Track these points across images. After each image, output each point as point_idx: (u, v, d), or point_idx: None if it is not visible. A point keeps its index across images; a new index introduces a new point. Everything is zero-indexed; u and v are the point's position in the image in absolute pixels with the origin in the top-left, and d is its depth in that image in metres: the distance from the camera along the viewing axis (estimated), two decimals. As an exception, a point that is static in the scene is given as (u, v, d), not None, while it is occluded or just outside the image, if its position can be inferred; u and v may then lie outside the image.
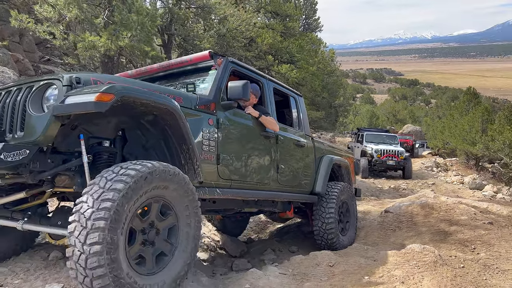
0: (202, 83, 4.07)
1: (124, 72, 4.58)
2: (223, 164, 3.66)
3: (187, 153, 3.12)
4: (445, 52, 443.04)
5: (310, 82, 12.21)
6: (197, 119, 3.43)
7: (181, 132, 3.02)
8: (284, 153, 4.72)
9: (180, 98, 3.32)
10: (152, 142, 3.20)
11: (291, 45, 12.53)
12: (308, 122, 5.61)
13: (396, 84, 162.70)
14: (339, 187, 5.53)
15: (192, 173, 3.19)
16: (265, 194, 4.42)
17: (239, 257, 5.78)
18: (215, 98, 3.72)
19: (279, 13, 13.54)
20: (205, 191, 3.44)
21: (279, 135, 4.59)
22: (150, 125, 3.08)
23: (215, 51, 4.18)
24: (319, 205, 5.35)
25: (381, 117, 48.48)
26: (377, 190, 14.15)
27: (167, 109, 2.88)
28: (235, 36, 9.52)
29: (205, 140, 3.46)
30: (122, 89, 2.56)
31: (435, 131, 35.06)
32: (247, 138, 4.07)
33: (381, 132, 19.96)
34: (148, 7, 7.12)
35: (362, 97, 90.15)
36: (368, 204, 8.97)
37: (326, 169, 5.51)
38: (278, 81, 5.23)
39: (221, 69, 3.97)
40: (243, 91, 3.69)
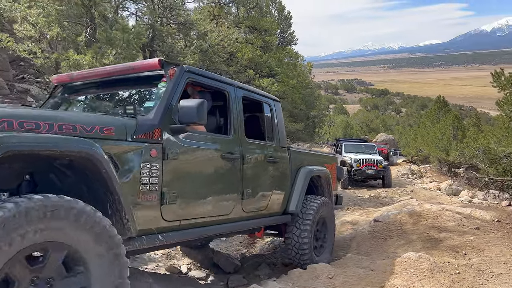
0: (148, 100, 3.40)
1: (67, 73, 3.98)
2: (169, 202, 2.99)
3: (113, 203, 2.54)
4: (412, 62, 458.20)
5: (291, 95, 12.40)
6: (134, 153, 2.76)
7: (103, 180, 2.44)
8: (252, 175, 4.06)
9: (111, 128, 2.65)
10: (71, 187, 2.58)
11: (271, 59, 12.72)
12: (284, 131, 4.94)
13: (367, 94, 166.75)
14: (317, 204, 4.97)
15: (120, 227, 2.58)
16: (225, 228, 3.79)
17: (234, 273, 5.74)
18: (161, 121, 3.00)
19: (257, 27, 13.75)
20: (142, 241, 2.80)
21: (245, 154, 3.92)
22: (66, 168, 2.51)
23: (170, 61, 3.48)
24: (293, 225, 4.82)
25: (355, 127, 49.43)
26: (359, 199, 14.36)
27: (82, 156, 2.32)
28: (217, 51, 9.60)
29: (145, 178, 2.81)
30: (6, 143, 1.97)
31: (408, 139, 36.08)
32: (204, 165, 3.43)
33: (360, 142, 20.38)
34: (133, 25, 7.11)
35: (335, 108, 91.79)
36: (354, 214, 9.09)
37: (303, 183, 4.90)
38: (248, 86, 4.59)
39: (172, 82, 3.20)
40: (198, 113, 3.01)
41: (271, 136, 4.65)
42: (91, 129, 2.53)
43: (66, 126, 2.41)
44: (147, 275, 3.99)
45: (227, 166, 3.68)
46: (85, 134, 2.45)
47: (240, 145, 3.89)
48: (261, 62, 12.50)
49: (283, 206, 4.72)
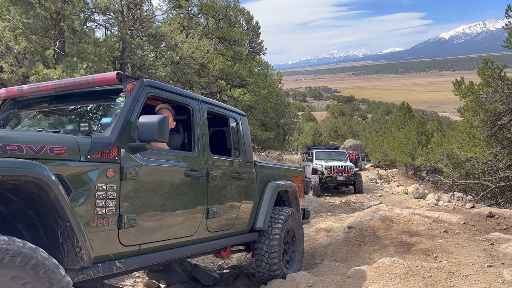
0: (104, 116, 3.14)
1: (15, 86, 3.72)
2: (127, 226, 2.77)
3: (64, 230, 2.31)
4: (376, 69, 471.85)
5: (262, 104, 12.55)
6: (89, 174, 2.56)
7: (53, 205, 2.22)
8: (218, 193, 3.88)
9: (62, 148, 2.44)
10: (16, 213, 2.37)
11: (241, 69, 12.84)
12: (250, 146, 4.82)
13: (334, 101, 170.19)
14: (284, 217, 4.83)
15: (72, 256, 2.37)
16: (189, 251, 3.58)
17: (212, 286, 5.74)
18: (119, 139, 2.78)
19: (227, 38, 13.87)
20: (98, 269, 2.55)
21: (210, 171, 3.74)
22: (10, 193, 2.26)
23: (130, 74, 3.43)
24: (260, 242, 4.65)
25: (323, 133, 50.33)
26: (331, 206, 14.65)
27: (28, 179, 2.11)
28: (188, 63, 9.62)
29: (100, 201, 2.59)
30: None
31: (374, 144, 37.15)
32: (166, 184, 3.21)
33: (330, 149, 20.79)
34: (104, 38, 7.03)
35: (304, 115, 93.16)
36: (328, 220, 9.28)
37: (270, 199, 4.74)
38: (213, 100, 4.40)
39: (131, 97, 3.01)
40: (158, 130, 2.80)
41: (237, 151, 4.54)
42: (40, 149, 2.31)
43: (11, 147, 2.18)
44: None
45: (191, 184, 3.48)
46: (32, 155, 2.25)
47: (205, 162, 3.72)
48: (232, 73, 12.60)
49: (249, 223, 4.53)
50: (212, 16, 13.99)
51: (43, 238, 2.38)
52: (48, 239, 2.37)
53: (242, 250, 5.33)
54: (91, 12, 8.44)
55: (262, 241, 4.64)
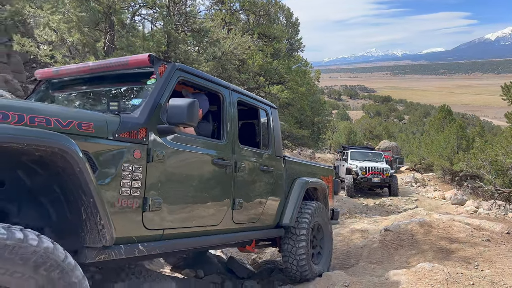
0: (135, 97, 3.17)
1: (52, 68, 3.75)
2: (152, 209, 2.74)
3: (87, 206, 2.28)
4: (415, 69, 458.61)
5: (300, 102, 12.54)
6: (115, 153, 2.53)
7: (77, 180, 2.19)
8: (245, 184, 3.81)
9: (90, 124, 2.43)
10: (42, 187, 2.34)
11: (280, 66, 12.87)
12: (280, 139, 4.75)
13: (370, 100, 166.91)
14: (310, 211, 4.74)
15: (95, 234, 2.34)
16: (213, 240, 3.54)
17: (247, 279, 5.85)
18: (148, 120, 2.78)
19: (267, 35, 13.92)
20: (119, 250, 2.52)
21: (238, 161, 3.68)
22: (36, 165, 2.23)
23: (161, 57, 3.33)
24: (287, 238, 4.57)
25: (358, 133, 49.52)
26: (364, 207, 14.47)
27: (53, 151, 2.07)
28: (230, 58, 9.74)
29: (126, 181, 2.57)
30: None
31: (411, 146, 36.18)
32: (192, 170, 3.17)
33: (366, 150, 20.46)
34: (152, 32, 7.26)
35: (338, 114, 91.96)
36: (362, 222, 9.20)
37: (297, 195, 4.65)
38: (244, 90, 4.35)
39: (162, 80, 3.00)
40: (188, 113, 2.79)
41: (266, 144, 4.46)
42: (68, 124, 2.30)
43: (39, 119, 2.18)
44: (170, 280, 4.10)
45: (218, 173, 3.44)
46: (60, 128, 2.23)
47: (233, 151, 3.66)
48: (271, 69, 12.66)
49: (276, 219, 4.46)
50: (253, 13, 14.07)
51: (67, 214, 2.37)
52: (72, 215, 2.35)
53: (268, 246, 5.25)
54: (138, 7, 8.70)
55: (289, 237, 4.56)
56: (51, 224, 2.40)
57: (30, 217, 2.37)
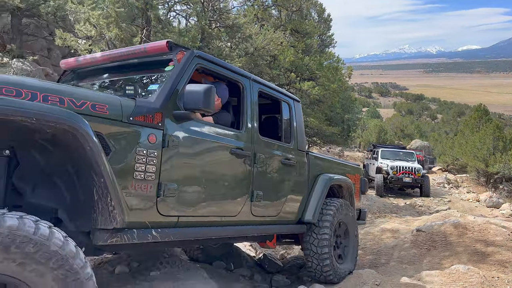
0: (153, 83, 3.16)
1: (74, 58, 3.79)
2: (167, 195, 2.72)
3: (99, 187, 2.27)
4: (449, 67, 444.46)
5: (331, 99, 12.43)
6: (129, 136, 2.53)
7: (88, 159, 2.17)
8: (264, 176, 3.72)
9: (104, 106, 2.43)
10: (55, 167, 2.36)
11: (312, 62, 12.79)
12: (303, 133, 4.62)
13: (402, 98, 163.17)
14: (334, 208, 4.61)
15: (106, 215, 2.34)
16: (230, 231, 3.48)
17: (276, 273, 5.89)
18: (163, 105, 2.76)
19: (299, 30, 13.85)
20: (132, 234, 2.51)
21: (257, 152, 3.60)
22: (49, 144, 2.26)
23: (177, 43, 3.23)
24: (309, 235, 4.44)
25: (389, 131, 48.58)
26: (394, 207, 14.22)
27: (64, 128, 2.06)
28: (262, 54, 9.77)
29: (140, 165, 2.55)
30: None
31: (444, 147, 35.21)
32: (209, 158, 3.12)
33: (398, 149, 20.05)
34: (186, 27, 7.38)
35: (368, 111, 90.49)
36: (393, 221, 9.07)
37: (321, 192, 4.51)
38: (266, 81, 4.23)
39: (180, 66, 2.97)
40: (204, 99, 2.77)
41: (288, 137, 4.34)
42: (81, 104, 2.31)
43: (52, 97, 2.20)
44: (202, 270, 4.19)
45: (236, 163, 3.37)
46: (74, 108, 2.24)
47: (252, 142, 3.59)
48: (302, 65, 12.59)
49: (298, 214, 4.34)
50: (285, 8, 14.02)
51: (80, 194, 2.38)
52: (84, 196, 2.36)
53: (290, 243, 5.15)
54: (174, 2, 8.85)
55: (311, 235, 4.44)
56: (64, 205, 2.43)
57: (44, 197, 2.40)
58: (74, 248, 1.94)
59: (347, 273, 4.73)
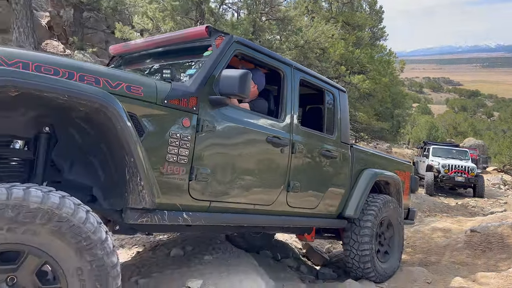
0: (190, 68, 3.15)
1: (122, 43, 3.88)
2: (199, 179, 2.73)
3: (130, 167, 2.30)
4: (509, 61, 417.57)
5: (381, 93, 12.14)
6: (163, 117, 2.55)
7: (119, 138, 2.21)
8: (302, 167, 3.62)
9: (139, 88, 2.46)
10: (91, 145, 2.43)
11: (362, 55, 12.53)
12: (348, 126, 4.44)
13: (455, 94, 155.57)
14: (378, 204, 4.44)
15: (136, 194, 2.37)
16: (263, 220, 3.44)
17: (323, 266, 5.90)
18: (199, 90, 2.75)
19: (350, 23, 13.59)
20: (163, 215, 2.56)
21: (296, 142, 3.51)
22: (84, 123, 2.31)
23: (217, 28, 3.23)
24: (350, 231, 4.33)
25: (440, 129, 46.63)
26: (445, 207, 13.69)
27: (95, 107, 2.11)
28: (312, 47, 9.71)
29: (173, 148, 2.57)
30: (1, 75, 1.85)
31: (500, 146, 33.31)
32: (244, 145, 3.07)
33: (450, 146, 19.23)
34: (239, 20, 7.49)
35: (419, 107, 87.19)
36: (444, 221, 8.76)
37: (364, 187, 4.35)
38: (309, 70, 4.06)
39: (218, 51, 2.95)
40: (239, 85, 2.75)
41: (331, 128, 4.18)
42: (116, 85, 2.35)
43: (88, 77, 2.25)
44: (252, 257, 4.29)
45: (272, 152, 3.30)
46: (108, 89, 2.28)
47: (291, 132, 3.50)
48: (352, 58, 12.38)
49: (338, 209, 4.20)
50: (336, 0, 13.81)
51: (113, 173, 2.43)
52: (117, 175, 2.40)
53: (330, 237, 5.03)
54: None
55: (352, 230, 4.30)
56: (99, 183, 2.50)
57: (81, 174, 2.47)
58: (104, 234, 2.03)
59: (389, 273, 4.58)
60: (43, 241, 1.86)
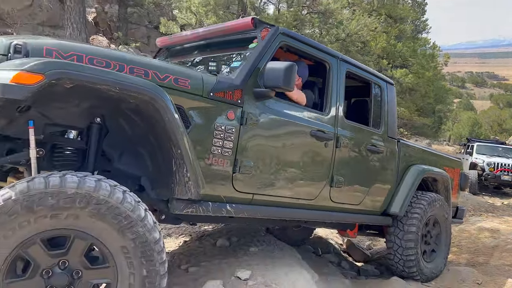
0: (235, 60, 3.14)
1: (168, 36, 3.90)
2: (242, 172, 2.76)
3: (177, 158, 2.34)
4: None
5: (425, 87, 11.78)
6: (209, 110, 2.58)
7: (166, 130, 2.25)
8: (346, 161, 3.55)
9: (186, 80, 2.51)
10: (139, 136, 2.48)
11: (405, 48, 12.19)
12: (395, 120, 4.32)
13: (500, 89, 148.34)
14: (425, 201, 4.30)
15: (182, 185, 2.41)
16: (306, 215, 3.42)
17: (364, 263, 5.83)
18: (244, 83, 2.75)
19: (392, 16, 13.24)
20: (207, 207, 2.61)
21: (340, 136, 3.46)
22: (134, 114, 2.36)
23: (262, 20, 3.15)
24: (394, 229, 4.21)
25: (484, 125, 44.74)
26: (490, 206, 13.13)
27: (144, 99, 2.15)
28: (354, 40, 9.55)
29: (218, 140, 2.61)
30: (57, 68, 1.88)
31: (550, 144, 31.61)
32: (288, 138, 3.06)
33: (496, 144, 18.40)
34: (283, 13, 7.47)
35: (460, 103, 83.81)
36: (491, 221, 8.44)
37: (411, 183, 4.22)
38: (356, 61, 3.98)
39: (263, 43, 2.92)
40: (284, 77, 2.71)
41: (377, 122, 4.06)
42: (165, 78, 2.41)
43: (138, 70, 2.32)
44: (295, 251, 4.30)
45: (316, 145, 3.26)
46: (157, 81, 2.34)
47: (336, 125, 3.44)
48: (394, 52, 12.07)
49: (383, 205, 4.09)
50: (378, -8, 13.47)
51: (160, 164, 2.48)
52: (164, 165, 2.45)
53: (373, 234, 4.92)
54: (268, -10, 8.96)
55: (397, 228, 4.19)
56: (147, 173, 2.57)
57: (129, 165, 2.55)
58: (143, 212, 2.07)
59: (436, 273, 4.46)
60: (86, 224, 1.94)
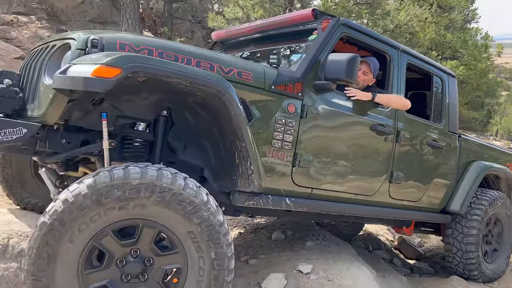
0: (295, 53, 3.10)
1: (224, 29, 3.93)
2: (302, 166, 2.75)
3: (240, 151, 2.37)
4: None
5: (477, 80, 11.26)
6: (270, 104, 2.60)
7: (232, 123, 2.27)
8: (406, 157, 3.48)
9: (249, 74, 2.52)
10: (203, 129, 2.53)
11: (455, 39, 11.69)
12: (457, 114, 4.16)
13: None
14: (488, 200, 4.15)
15: (245, 178, 2.44)
16: (364, 211, 3.36)
17: (416, 260, 5.70)
18: (304, 75, 2.73)
19: (441, 5, 12.73)
20: (267, 200, 2.63)
21: (401, 131, 3.38)
22: (199, 107, 2.41)
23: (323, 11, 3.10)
24: (454, 227, 4.08)
25: (535, 120, 42.18)
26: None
27: (212, 92, 2.18)
28: (402, 31, 9.26)
29: (278, 134, 2.61)
30: (133, 62, 1.94)
31: None
32: (348, 133, 3.02)
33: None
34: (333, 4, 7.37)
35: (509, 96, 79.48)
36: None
37: (473, 180, 4.08)
38: (417, 53, 3.89)
39: (324, 34, 2.88)
40: (347, 69, 2.66)
41: (438, 116, 3.93)
42: (229, 71, 2.45)
43: (204, 63, 2.36)
44: (351, 247, 4.24)
45: (376, 140, 3.21)
46: (221, 75, 2.37)
47: (396, 119, 3.37)
48: (444, 43, 11.61)
49: (442, 203, 3.98)
50: (427, -19, 12.97)
51: (223, 157, 2.51)
52: (227, 158, 2.48)
53: (428, 232, 4.80)
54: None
55: (456, 227, 4.06)
56: (210, 165, 2.61)
57: (193, 156, 2.59)
58: (205, 196, 2.10)
59: (498, 273, 4.32)
60: (152, 213, 1.99)
